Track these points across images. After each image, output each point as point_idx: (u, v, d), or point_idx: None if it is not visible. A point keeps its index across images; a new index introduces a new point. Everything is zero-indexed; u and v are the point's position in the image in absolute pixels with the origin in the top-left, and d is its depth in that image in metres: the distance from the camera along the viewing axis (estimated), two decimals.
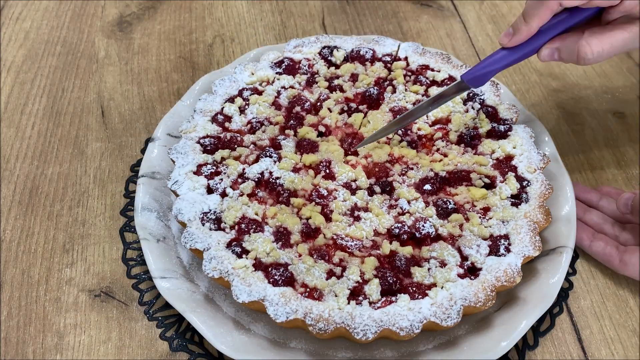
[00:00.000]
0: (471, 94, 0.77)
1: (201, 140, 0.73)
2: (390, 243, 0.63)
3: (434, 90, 0.78)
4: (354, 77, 0.82)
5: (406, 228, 0.64)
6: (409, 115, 0.70)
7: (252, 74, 0.81)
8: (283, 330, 0.62)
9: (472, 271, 0.61)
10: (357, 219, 0.66)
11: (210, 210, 0.65)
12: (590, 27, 0.63)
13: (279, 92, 0.80)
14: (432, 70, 0.81)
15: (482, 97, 0.77)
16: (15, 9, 1.07)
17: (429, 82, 0.80)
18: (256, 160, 0.71)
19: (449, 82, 0.79)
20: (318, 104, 0.78)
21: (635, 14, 0.59)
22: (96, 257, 0.72)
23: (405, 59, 0.83)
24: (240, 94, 0.79)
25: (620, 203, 0.67)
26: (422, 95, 0.79)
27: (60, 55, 0.99)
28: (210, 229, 0.63)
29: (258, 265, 0.60)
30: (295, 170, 0.70)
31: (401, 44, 0.84)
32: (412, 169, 0.71)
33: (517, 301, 0.62)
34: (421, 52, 0.83)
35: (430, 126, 0.76)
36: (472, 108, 0.76)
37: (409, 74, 0.81)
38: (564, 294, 0.67)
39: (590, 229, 0.70)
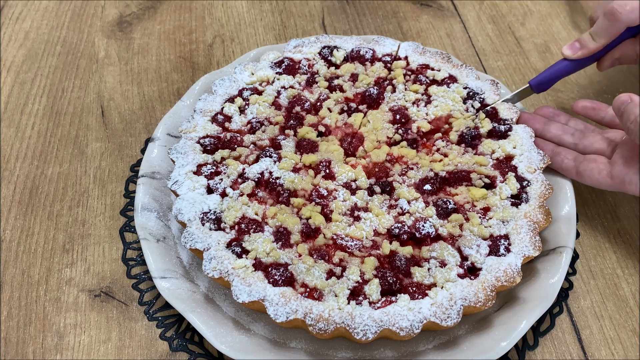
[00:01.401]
0: (471, 93, 0.77)
1: (201, 140, 0.73)
2: (390, 243, 0.63)
3: (434, 89, 0.78)
4: (354, 77, 0.81)
5: (406, 228, 0.64)
6: None
7: (252, 74, 0.81)
8: (283, 330, 0.62)
9: (472, 271, 0.61)
10: (357, 219, 0.66)
11: (210, 210, 0.65)
12: None
13: (279, 92, 0.80)
14: (432, 69, 0.81)
15: (482, 97, 0.77)
16: (15, 9, 1.07)
17: (429, 81, 0.80)
18: (256, 160, 0.71)
19: (449, 81, 0.79)
20: (318, 104, 0.78)
21: None
22: (96, 257, 0.72)
23: (406, 58, 0.83)
24: (240, 94, 0.79)
25: (616, 103, 0.66)
26: (422, 95, 0.79)
27: (60, 55, 0.99)
28: (210, 229, 0.63)
29: (258, 265, 0.60)
30: (295, 170, 0.70)
31: (401, 44, 0.84)
32: (412, 169, 0.71)
33: (517, 301, 0.62)
34: (421, 52, 0.83)
35: (429, 123, 0.75)
36: (473, 107, 0.76)
37: (409, 73, 0.81)
38: (564, 294, 0.67)
39: (550, 145, 0.73)
